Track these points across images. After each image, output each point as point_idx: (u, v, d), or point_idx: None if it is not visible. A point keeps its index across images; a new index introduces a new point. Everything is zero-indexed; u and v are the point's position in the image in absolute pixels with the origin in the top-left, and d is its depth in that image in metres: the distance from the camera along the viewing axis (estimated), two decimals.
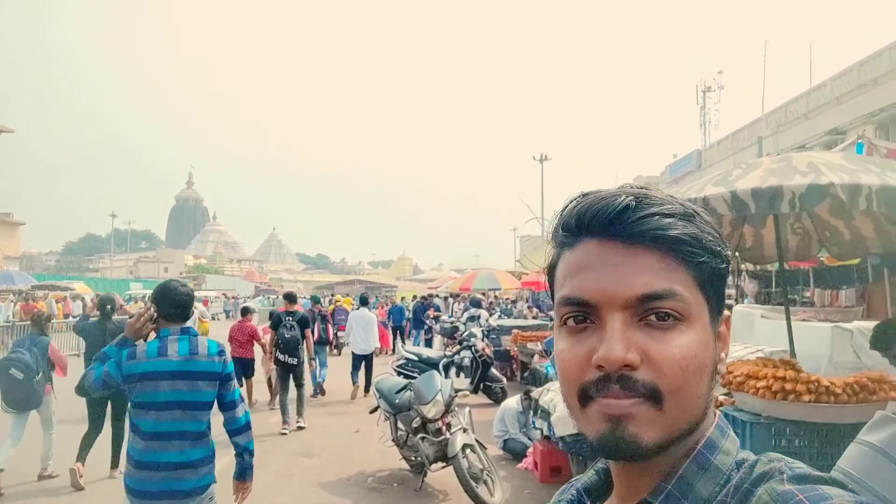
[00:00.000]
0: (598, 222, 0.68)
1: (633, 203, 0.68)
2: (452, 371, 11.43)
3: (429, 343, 17.44)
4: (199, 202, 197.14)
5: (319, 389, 11.51)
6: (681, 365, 0.65)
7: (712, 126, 38.43)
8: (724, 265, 0.71)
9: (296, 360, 9.04)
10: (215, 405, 3.25)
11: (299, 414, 8.95)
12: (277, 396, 9.30)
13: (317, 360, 10.90)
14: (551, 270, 0.76)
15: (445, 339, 14.96)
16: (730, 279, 14.13)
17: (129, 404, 3.22)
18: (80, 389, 3.19)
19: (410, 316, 19.13)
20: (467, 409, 6.37)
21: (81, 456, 6.35)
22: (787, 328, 4.28)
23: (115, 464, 6.51)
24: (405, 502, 5.93)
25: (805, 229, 5.15)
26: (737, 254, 5.42)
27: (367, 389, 10.79)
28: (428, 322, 18.51)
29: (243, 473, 3.35)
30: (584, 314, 0.68)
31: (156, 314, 3.21)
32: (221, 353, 3.25)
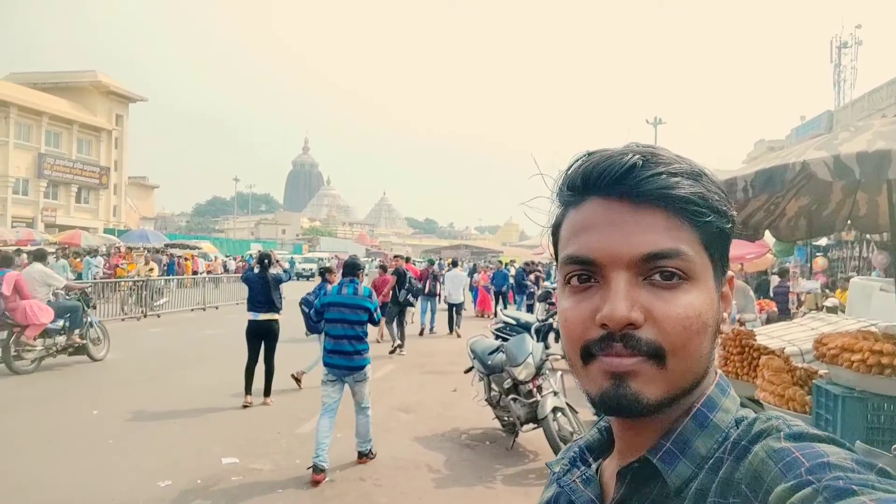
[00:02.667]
0: (605, 181, 0.67)
1: (640, 162, 0.67)
2: (551, 336, 11.46)
3: (531, 308, 17.46)
4: (314, 167, 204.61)
5: (431, 329, 15.86)
6: (684, 324, 0.65)
7: (847, 85, 35.47)
8: (730, 225, 0.70)
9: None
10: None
11: (401, 339, 12.61)
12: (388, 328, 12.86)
13: (429, 305, 15.80)
14: (556, 230, 0.75)
15: (547, 305, 14.92)
16: (854, 251, 13.22)
17: (322, 327, 6.18)
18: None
19: (513, 282, 19.20)
20: (559, 373, 6.42)
21: (248, 387, 7.83)
22: None
23: (267, 393, 7.95)
24: (496, 460, 6.10)
25: None
26: (849, 222, 5.09)
27: (458, 326, 15.87)
28: (530, 288, 18.51)
29: (374, 323, 6.04)
30: (588, 273, 0.68)
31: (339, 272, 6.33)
32: (371, 294, 6.02)
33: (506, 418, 6.54)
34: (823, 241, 15.99)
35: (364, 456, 5.91)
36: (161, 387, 8.73)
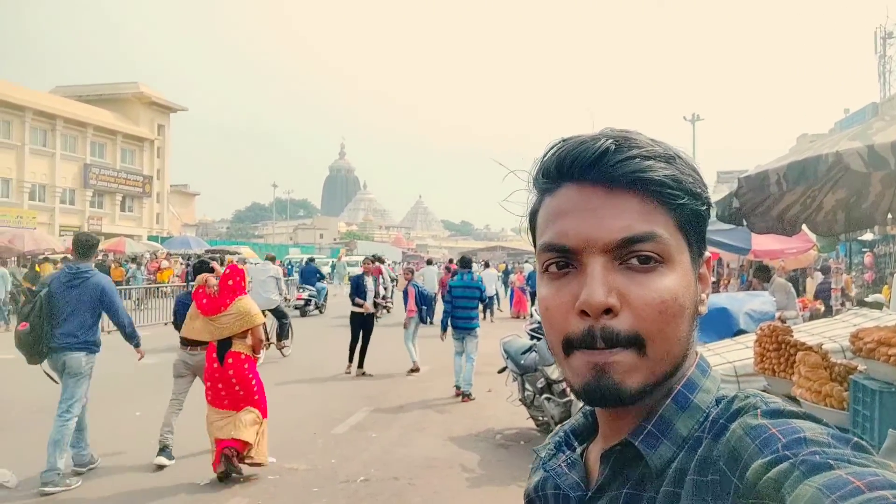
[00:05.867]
0: (578, 167, 0.68)
1: (613, 146, 0.67)
2: None
3: None
4: (350, 171, 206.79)
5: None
6: (660, 309, 0.65)
7: (893, 76, 34.41)
8: (705, 207, 0.71)
9: None
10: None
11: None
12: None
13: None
14: (532, 217, 0.75)
15: None
16: (891, 246, 12.79)
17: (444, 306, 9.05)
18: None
19: None
20: None
21: (351, 359, 10.11)
22: None
23: (360, 365, 10.09)
24: (530, 460, 6.05)
25: None
26: (890, 216, 4.94)
27: (492, 314, 19.55)
28: None
29: (483, 301, 9.96)
30: (565, 260, 0.68)
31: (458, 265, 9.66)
32: (480, 280, 9.52)
33: (540, 418, 6.52)
34: (869, 237, 15.55)
35: (465, 396, 8.40)
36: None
